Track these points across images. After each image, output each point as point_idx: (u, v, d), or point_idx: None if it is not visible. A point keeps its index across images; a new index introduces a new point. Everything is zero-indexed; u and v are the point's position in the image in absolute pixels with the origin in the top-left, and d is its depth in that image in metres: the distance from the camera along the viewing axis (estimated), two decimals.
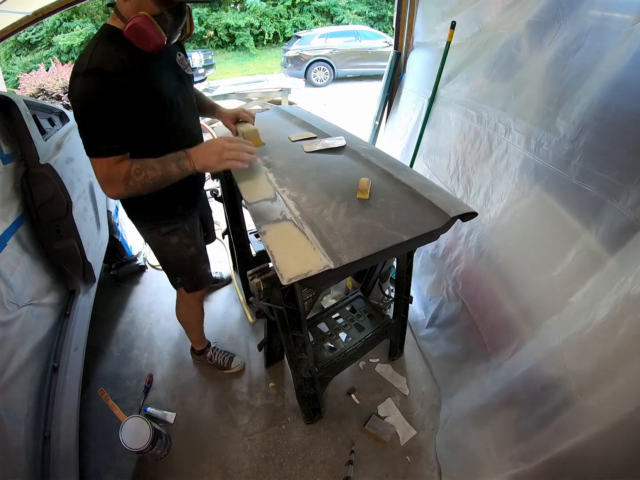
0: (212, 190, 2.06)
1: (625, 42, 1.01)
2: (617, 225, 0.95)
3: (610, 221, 0.98)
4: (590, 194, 1.05)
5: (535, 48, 1.41)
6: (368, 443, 1.44)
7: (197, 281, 1.45)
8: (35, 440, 1.10)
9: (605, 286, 0.93)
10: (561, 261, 1.13)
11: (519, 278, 1.34)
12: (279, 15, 13.16)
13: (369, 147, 1.54)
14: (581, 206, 1.09)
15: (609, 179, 0.99)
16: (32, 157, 1.46)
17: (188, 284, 1.43)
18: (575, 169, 1.11)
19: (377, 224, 0.99)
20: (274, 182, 1.23)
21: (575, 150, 1.12)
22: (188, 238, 1.32)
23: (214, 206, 1.81)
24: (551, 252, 1.19)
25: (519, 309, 1.30)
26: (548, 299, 1.16)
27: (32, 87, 6.31)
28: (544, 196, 1.26)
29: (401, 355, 1.78)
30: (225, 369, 1.71)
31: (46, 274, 1.52)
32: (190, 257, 1.36)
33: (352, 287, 2.07)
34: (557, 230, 1.19)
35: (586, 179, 1.07)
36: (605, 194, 1.00)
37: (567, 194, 1.15)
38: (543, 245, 1.25)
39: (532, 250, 1.30)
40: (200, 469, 1.38)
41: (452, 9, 2.06)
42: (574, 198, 1.12)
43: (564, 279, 1.11)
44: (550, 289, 1.16)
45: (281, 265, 0.88)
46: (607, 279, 0.94)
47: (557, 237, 1.19)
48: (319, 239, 0.93)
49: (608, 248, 0.97)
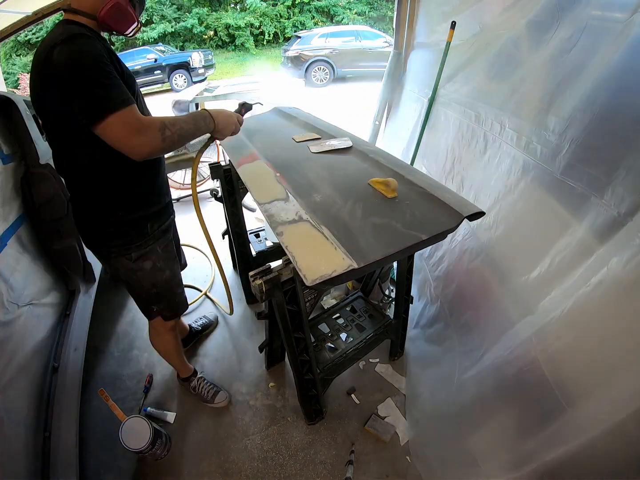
0: (212, 190, 2.06)
1: (616, 40, 1.02)
2: (601, 221, 0.94)
3: (594, 217, 0.96)
4: (575, 190, 1.04)
5: (534, 47, 1.42)
6: (368, 443, 1.44)
7: (176, 306, 1.34)
8: (35, 440, 1.10)
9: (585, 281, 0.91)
10: (544, 259, 1.12)
11: (501, 276, 1.33)
12: (279, 15, 13.16)
13: (374, 148, 1.54)
14: (567, 202, 1.08)
15: (595, 173, 0.98)
16: (32, 157, 1.47)
17: (166, 311, 1.31)
18: (561, 163, 1.10)
19: (394, 223, 1.00)
20: (284, 182, 1.23)
21: (561, 144, 1.11)
22: (162, 261, 1.19)
23: (214, 206, 1.81)
24: (535, 250, 1.18)
25: (498, 307, 1.29)
26: (527, 298, 1.14)
27: None
28: (530, 193, 1.25)
29: (402, 355, 1.78)
30: (208, 402, 1.57)
31: (46, 274, 1.52)
32: (166, 281, 1.23)
33: (353, 288, 2.07)
34: (542, 228, 1.18)
35: (571, 174, 1.06)
36: (590, 190, 0.99)
37: (553, 190, 1.14)
38: (527, 243, 1.24)
39: (515, 248, 1.30)
40: (200, 469, 1.38)
41: (453, 9, 2.06)
42: (559, 194, 1.12)
43: (547, 277, 1.10)
44: (532, 287, 1.14)
45: (304, 266, 0.87)
46: (588, 275, 0.92)
47: (541, 235, 1.18)
48: (338, 239, 0.94)
49: (593, 244, 0.95)
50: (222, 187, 1.83)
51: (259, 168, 1.40)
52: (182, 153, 2.87)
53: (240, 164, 1.47)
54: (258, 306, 2.08)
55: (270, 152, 1.51)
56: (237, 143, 1.71)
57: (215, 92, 5.15)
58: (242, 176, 1.38)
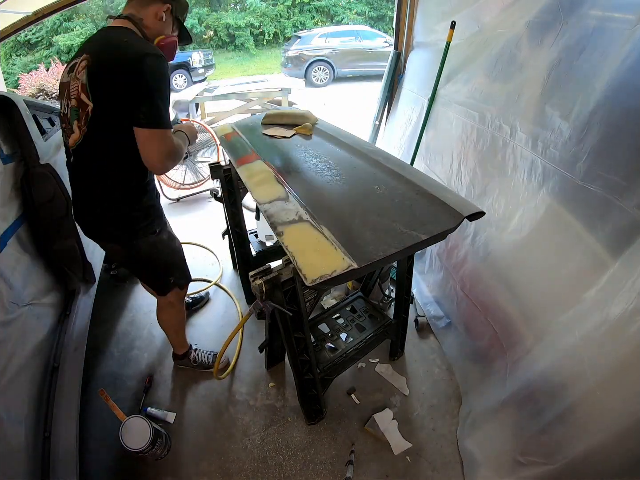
0: (212, 190, 2.06)
1: (628, 43, 1.01)
2: (623, 224, 0.95)
3: (616, 220, 0.98)
4: (596, 194, 1.05)
5: (537, 49, 1.41)
6: (368, 443, 1.43)
7: (188, 273, 1.51)
8: (35, 440, 1.10)
9: (614, 286, 0.93)
10: (566, 263, 1.14)
11: (525, 278, 1.34)
12: (279, 15, 13.16)
13: (374, 147, 1.55)
14: (588, 206, 1.09)
15: (615, 179, 0.99)
16: (32, 157, 1.46)
17: (182, 279, 1.47)
18: (581, 170, 1.11)
19: (394, 223, 1.00)
20: (284, 182, 1.24)
21: (580, 151, 1.12)
22: (170, 232, 1.41)
23: (214, 206, 1.81)
24: (557, 253, 1.19)
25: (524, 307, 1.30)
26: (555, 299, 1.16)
27: (32, 87, 6.31)
28: (552, 198, 1.26)
29: (402, 355, 1.78)
30: (210, 367, 1.68)
31: (46, 274, 1.52)
32: (178, 249, 1.43)
33: (353, 288, 2.07)
34: (564, 231, 1.19)
35: (591, 180, 1.07)
36: (611, 194, 1.00)
37: (574, 195, 1.15)
38: (550, 246, 1.25)
39: (538, 251, 1.30)
40: (200, 469, 1.38)
41: (452, 8, 2.06)
42: (580, 199, 1.12)
43: (570, 281, 1.11)
44: (557, 289, 1.16)
45: (304, 266, 0.87)
46: (615, 280, 0.94)
47: (564, 238, 1.19)
48: (338, 239, 0.94)
49: (615, 249, 0.97)
50: (222, 187, 1.83)
51: (259, 168, 1.40)
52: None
53: (240, 164, 1.47)
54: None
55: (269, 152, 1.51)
56: (237, 143, 1.71)
57: (215, 92, 5.16)
58: (242, 176, 1.38)
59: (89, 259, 1.70)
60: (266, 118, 1.94)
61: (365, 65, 9.10)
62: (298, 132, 1.73)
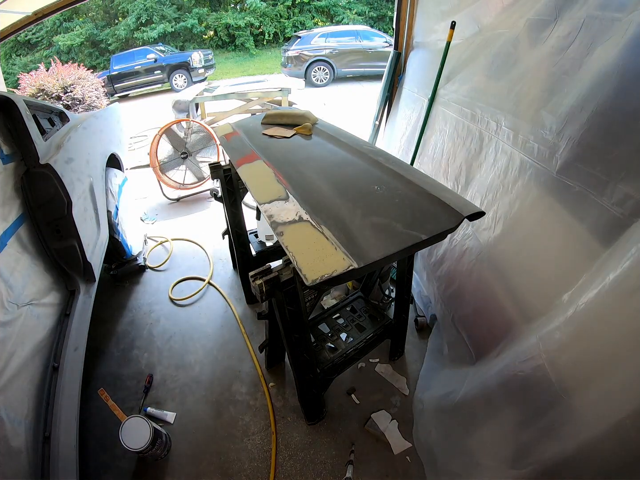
0: (212, 190, 2.06)
1: (614, 37, 1.02)
2: (603, 222, 0.93)
3: (595, 218, 0.95)
4: (573, 189, 1.03)
5: (532, 46, 1.42)
6: (368, 443, 1.43)
7: None
8: (35, 440, 1.10)
9: (592, 284, 0.90)
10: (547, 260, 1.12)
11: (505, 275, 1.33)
12: (279, 15, 13.16)
13: (374, 147, 1.55)
14: (565, 201, 1.08)
15: (594, 172, 0.97)
16: (32, 157, 1.46)
17: None
18: (558, 162, 1.10)
19: (394, 223, 1.00)
20: (284, 182, 1.24)
21: (558, 142, 1.11)
22: None
23: (214, 206, 1.81)
24: (535, 251, 1.18)
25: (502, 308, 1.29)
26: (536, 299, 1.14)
27: (32, 87, 6.30)
28: (527, 192, 1.25)
29: (402, 355, 1.78)
30: None
31: (46, 274, 1.52)
32: None
33: (353, 288, 2.07)
34: (543, 228, 1.18)
35: (568, 173, 1.06)
36: (588, 189, 0.98)
37: (550, 189, 1.14)
38: (528, 243, 1.24)
39: (517, 247, 1.29)
40: (200, 469, 1.38)
41: (452, 8, 2.06)
42: (556, 193, 1.11)
43: (548, 279, 1.10)
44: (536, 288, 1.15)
45: (304, 266, 0.87)
46: (593, 278, 0.92)
47: (542, 235, 1.18)
48: (338, 239, 0.94)
49: (595, 246, 0.95)
50: (222, 187, 1.83)
51: (259, 168, 1.40)
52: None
53: (240, 164, 1.47)
54: (258, 306, 2.08)
55: (269, 152, 1.51)
56: (237, 143, 1.71)
57: (215, 92, 5.16)
58: (242, 176, 1.38)
59: (89, 259, 1.70)
60: (266, 118, 1.94)
61: (365, 65, 9.10)
62: (298, 132, 1.74)
